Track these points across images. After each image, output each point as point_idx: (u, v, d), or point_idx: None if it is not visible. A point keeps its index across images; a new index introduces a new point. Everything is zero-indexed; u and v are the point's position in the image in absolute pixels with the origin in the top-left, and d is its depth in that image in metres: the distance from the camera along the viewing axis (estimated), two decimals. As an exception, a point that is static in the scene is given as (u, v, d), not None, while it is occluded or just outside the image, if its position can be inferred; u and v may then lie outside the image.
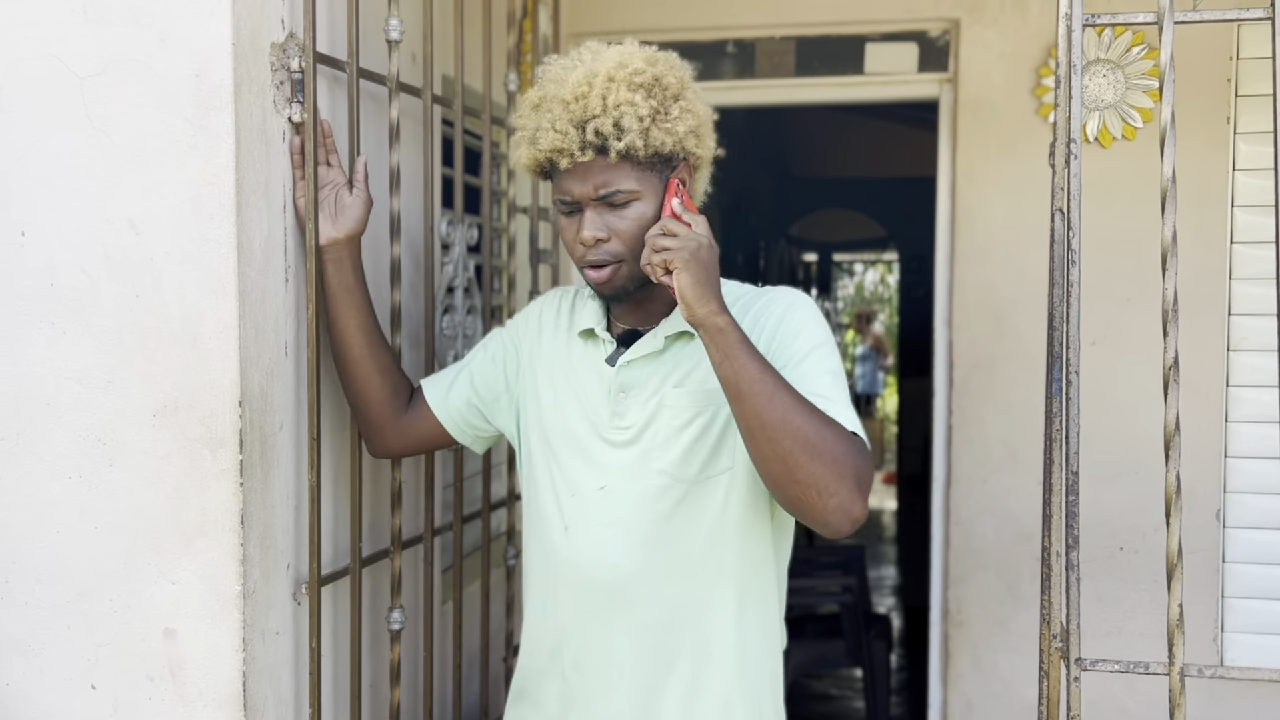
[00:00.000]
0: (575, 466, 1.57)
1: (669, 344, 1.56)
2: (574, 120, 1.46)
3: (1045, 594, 1.46)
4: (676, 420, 1.52)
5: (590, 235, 1.48)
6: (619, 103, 1.45)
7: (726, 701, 1.54)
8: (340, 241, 1.68)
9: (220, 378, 1.54)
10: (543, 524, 1.60)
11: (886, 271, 13.70)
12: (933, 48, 3.19)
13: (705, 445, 1.51)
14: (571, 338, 1.64)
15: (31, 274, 1.57)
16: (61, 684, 1.59)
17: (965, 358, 3.11)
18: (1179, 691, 1.39)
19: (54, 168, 1.55)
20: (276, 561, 1.65)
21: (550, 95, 1.49)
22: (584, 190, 1.48)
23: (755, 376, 1.36)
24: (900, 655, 5.31)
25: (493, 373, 1.72)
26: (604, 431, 1.56)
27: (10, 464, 1.59)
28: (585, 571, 1.54)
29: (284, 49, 1.65)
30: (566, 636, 1.58)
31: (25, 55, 1.55)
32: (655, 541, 1.51)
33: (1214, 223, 2.88)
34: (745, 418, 1.36)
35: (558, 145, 1.46)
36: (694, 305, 1.38)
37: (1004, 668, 3.11)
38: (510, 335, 1.73)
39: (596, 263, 1.50)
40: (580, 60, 1.51)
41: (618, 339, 1.60)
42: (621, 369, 1.56)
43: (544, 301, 1.74)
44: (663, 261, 1.40)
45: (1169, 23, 1.40)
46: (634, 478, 1.52)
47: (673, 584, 1.52)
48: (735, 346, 1.37)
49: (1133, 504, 2.95)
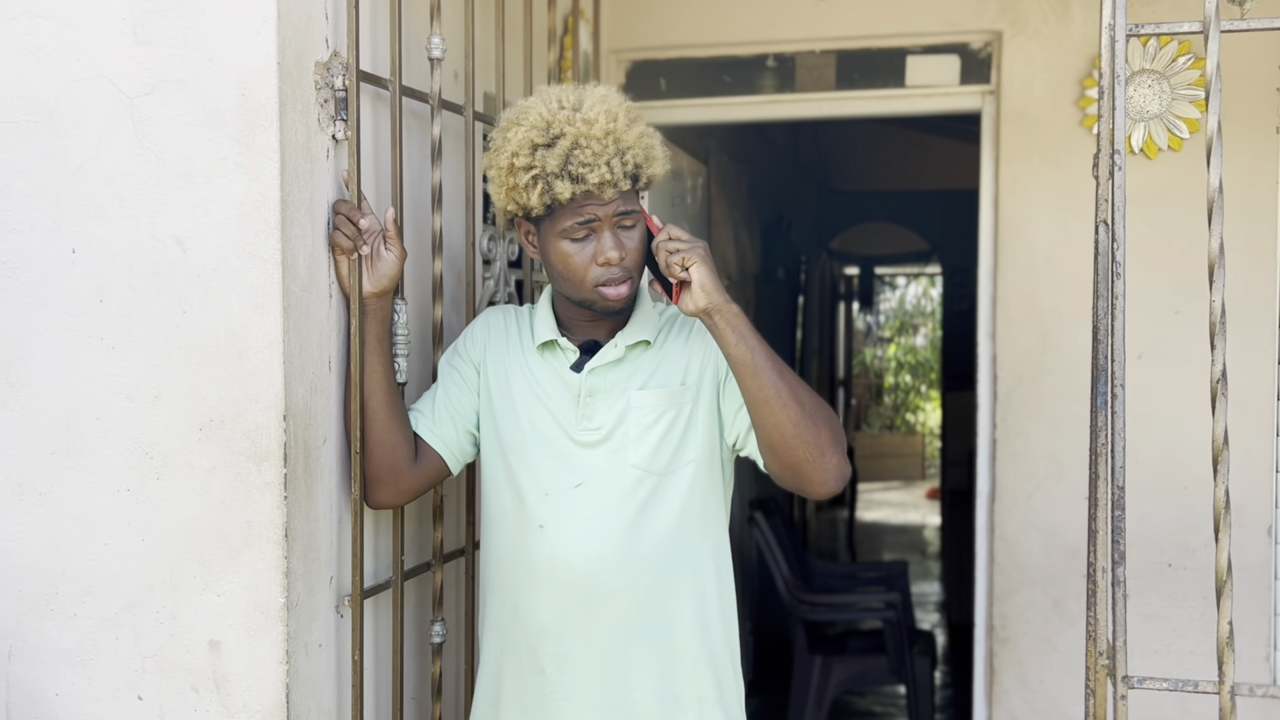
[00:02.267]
0: (547, 467, 1.68)
1: (628, 352, 1.71)
2: (614, 154, 1.60)
3: (1091, 610, 1.44)
4: (646, 418, 1.67)
5: (617, 254, 1.62)
6: (640, 135, 1.64)
7: (697, 674, 1.69)
8: (373, 295, 1.71)
9: (265, 392, 1.56)
10: (511, 527, 1.70)
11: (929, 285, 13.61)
12: (974, 60, 3.17)
13: (672, 439, 1.67)
14: (529, 349, 1.75)
15: (81, 290, 1.59)
16: (109, 694, 1.62)
17: (1009, 371, 3.08)
18: (1229, 711, 1.36)
19: (104, 186, 1.58)
20: (320, 574, 1.67)
21: (577, 133, 1.59)
22: (608, 214, 1.62)
23: (766, 354, 1.56)
24: (944, 672, 5.25)
25: (467, 395, 1.78)
26: (573, 433, 1.68)
27: (61, 477, 1.61)
28: (569, 563, 1.65)
29: (328, 68, 1.67)
30: (546, 631, 1.67)
31: (77, 76, 1.58)
32: (632, 531, 1.65)
33: (1263, 234, 2.84)
34: (761, 389, 1.56)
35: (606, 177, 1.59)
36: (712, 293, 1.56)
37: (1050, 685, 3.06)
38: (466, 357, 1.79)
39: (618, 279, 1.64)
40: (566, 102, 1.63)
41: (580, 348, 1.72)
42: (588, 375, 1.69)
43: (488, 320, 1.82)
44: (681, 260, 1.57)
45: (1215, 31, 1.38)
46: (609, 473, 1.66)
47: (646, 570, 1.66)
48: (747, 328, 1.57)
49: (1181, 520, 2.91)
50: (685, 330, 1.74)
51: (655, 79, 3.32)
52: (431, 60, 1.89)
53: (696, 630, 1.69)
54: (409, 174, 1.90)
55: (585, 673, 1.66)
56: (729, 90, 3.28)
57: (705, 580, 1.71)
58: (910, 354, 14.05)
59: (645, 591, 1.66)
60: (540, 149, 1.60)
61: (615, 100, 1.64)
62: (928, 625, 6.12)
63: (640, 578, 1.65)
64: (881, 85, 3.25)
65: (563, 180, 1.59)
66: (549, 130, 1.60)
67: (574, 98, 1.64)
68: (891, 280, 13.73)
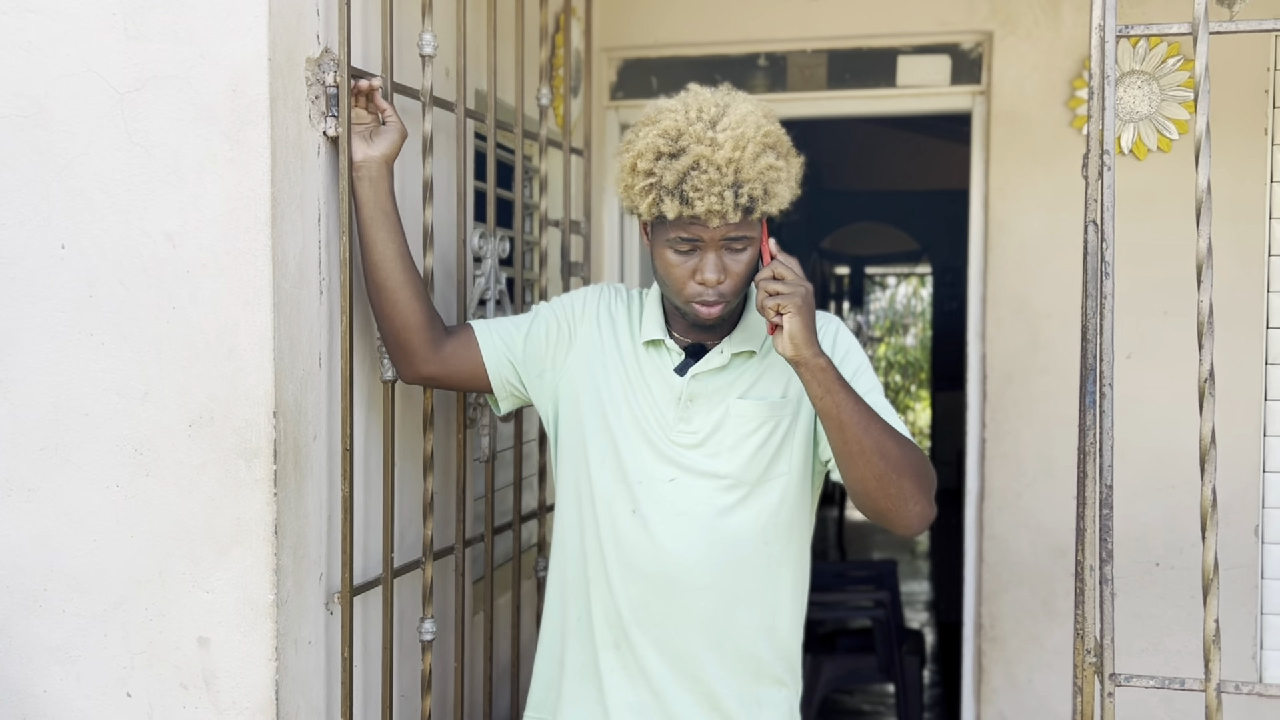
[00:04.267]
0: (644, 456, 1.68)
1: (733, 360, 1.69)
2: (730, 184, 1.54)
3: (1079, 608, 1.44)
4: (743, 428, 1.66)
5: (714, 277, 1.60)
6: (765, 168, 1.56)
7: (757, 678, 1.70)
8: (375, 159, 1.71)
9: (255, 389, 1.56)
10: (602, 505, 1.69)
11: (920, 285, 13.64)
12: (965, 60, 3.18)
13: (767, 452, 1.67)
14: (635, 342, 1.74)
15: (71, 286, 1.59)
16: (98, 691, 1.61)
17: (999, 371, 3.09)
18: (1215, 709, 1.37)
19: (94, 182, 1.58)
20: (309, 571, 1.67)
21: (700, 155, 1.54)
22: (714, 236, 1.58)
23: (853, 408, 1.54)
24: (933, 671, 5.26)
25: (543, 344, 1.76)
26: (670, 433, 1.68)
27: (50, 473, 1.61)
28: (654, 553, 1.65)
29: (319, 64, 1.67)
30: (621, 613, 1.67)
31: (67, 71, 1.58)
32: (717, 534, 1.65)
33: (1251, 235, 2.85)
34: (846, 443, 1.55)
35: (715, 208, 1.54)
36: (801, 348, 1.53)
37: (1039, 684, 3.07)
38: (564, 317, 1.78)
39: (712, 301, 1.61)
40: (704, 114, 1.58)
41: (685, 350, 1.71)
42: (691, 379, 1.68)
43: (597, 297, 1.79)
44: (776, 305, 1.54)
45: (1204, 33, 1.39)
46: (701, 476, 1.66)
47: (726, 572, 1.66)
48: (835, 383, 1.54)
49: (1169, 519, 2.92)
50: None
51: (646, 77, 3.32)
52: (423, 57, 1.88)
53: (763, 636, 1.69)
54: (399, 170, 1.90)
55: (654, 658, 1.67)
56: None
57: (781, 590, 1.71)
58: (900, 354, 14.07)
59: (722, 592, 1.66)
60: (664, 158, 1.57)
61: (753, 124, 1.57)
62: (917, 624, 6.13)
63: (719, 579, 1.65)
64: (873, 85, 3.26)
65: (673, 198, 1.55)
66: (677, 141, 1.56)
67: (715, 110, 1.59)
68: (882, 280, 13.75)
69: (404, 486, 1.95)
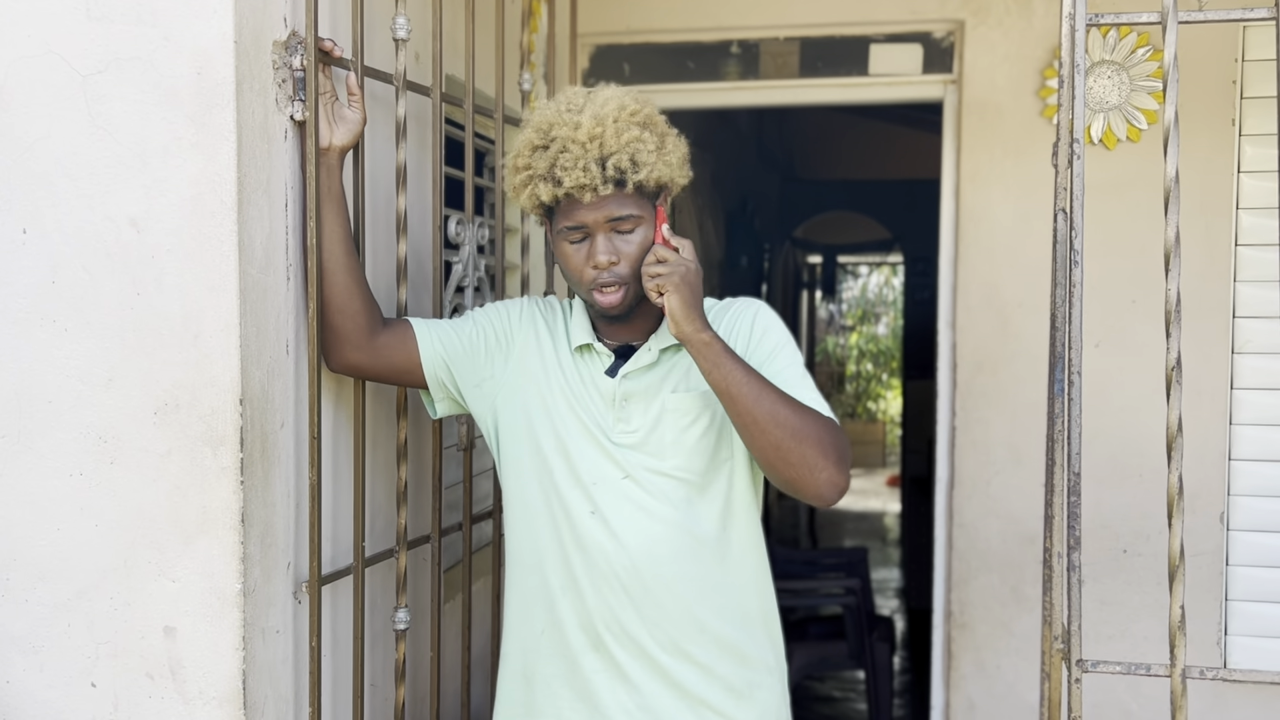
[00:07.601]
0: (594, 458, 1.68)
1: (662, 356, 1.71)
2: (595, 158, 1.59)
3: (1047, 595, 1.45)
4: (681, 421, 1.68)
5: (605, 259, 1.62)
6: (630, 140, 1.60)
7: (740, 663, 1.71)
8: (335, 150, 1.73)
9: (221, 376, 1.54)
10: (559, 511, 1.69)
11: (891, 274, 13.70)
12: (937, 49, 3.18)
13: (709, 441, 1.68)
14: (566, 350, 1.75)
15: (33, 271, 1.57)
16: (62, 681, 1.59)
17: (969, 360, 3.10)
18: (1180, 694, 1.38)
19: (55, 165, 1.56)
20: (277, 560, 1.65)
21: (565, 137, 1.60)
22: (596, 218, 1.62)
23: (742, 380, 1.56)
24: (903, 657, 5.30)
25: (482, 353, 1.76)
26: (611, 435, 1.69)
27: (12, 461, 1.59)
28: (619, 546, 1.65)
29: (286, 47, 1.65)
30: (605, 609, 1.67)
31: (28, 52, 1.55)
32: (675, 526, 1.66)
33: (1219, 225, 2.87)
34: (739, 415, 1.57)
35: (582, 182, 1.58)
36: (682, 324, 1.57)
37: (1007, 670, 3.10)
38: (500, 328, 1.78)
39: (608, 284, 1.64)
40: (573, 105, 1.64)
41: (615, 352, 1.72)
42: (622, 380, 1.69)
43: (530, 308, 1.81)
44: (656, 285, 1.58)
45: (1172, 23, 1.40)
46: (650, 472, 1.67)
47: (692, 563, 1.67)
48: (721, 356, 1.57)
49: (1136, 507, 2.94)
50: (720, 328, 1.72)
51: (619, 64, 3.31)
52: (396, 41, 1.87)
53: (739, 621, 1.71)
54: (371, 156, 1.88)
55: (637, 655, 1.67)
56: (693, 76, 3.27)
57: (745, 571, 1.73)
58: (872, 342, 14.14)
59: (691, 583, 1.67)
60: (538, 150, 1.63)
61: (615, 104, 1.62)
62: (887, 611, 6.18)
63: (686, 570, 1.66)
64: (845, 73, 3.25)
65: (546, 182, 1.61)
66: (549, 133, 1.62)
67: (582, 100, 1.64)
68: (854, 269, 13.80)
69: (376, 475, 1.94)
